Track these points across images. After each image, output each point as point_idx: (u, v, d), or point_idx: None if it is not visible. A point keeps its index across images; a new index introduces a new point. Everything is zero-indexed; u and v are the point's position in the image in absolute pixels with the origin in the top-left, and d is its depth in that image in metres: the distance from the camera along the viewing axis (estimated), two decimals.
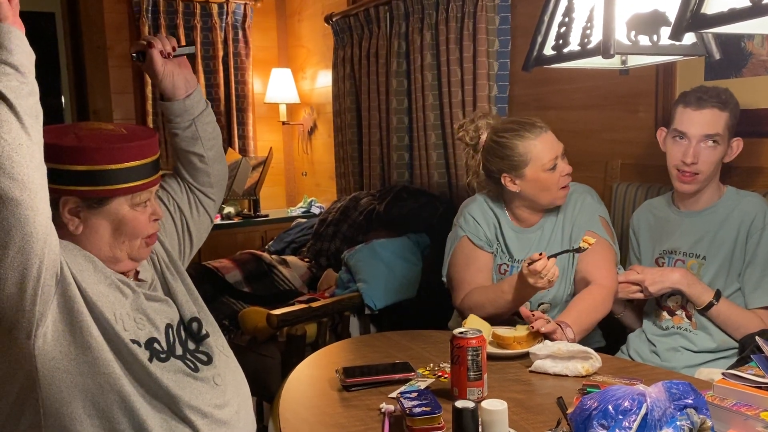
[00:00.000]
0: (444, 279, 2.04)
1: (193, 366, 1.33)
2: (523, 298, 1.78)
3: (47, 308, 1.14)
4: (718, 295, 1.71)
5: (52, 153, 1.17)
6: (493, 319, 1.79)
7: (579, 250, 1.70)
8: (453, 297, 2.00)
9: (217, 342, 1.44)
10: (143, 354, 1.25)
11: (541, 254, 1.66)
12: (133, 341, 1.24)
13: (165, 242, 1.50)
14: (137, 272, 1.38)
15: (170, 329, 1.34)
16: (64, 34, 3.89)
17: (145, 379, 1.24)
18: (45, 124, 1.12)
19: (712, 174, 1.77)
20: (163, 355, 1.29)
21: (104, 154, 1.22)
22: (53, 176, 1.16)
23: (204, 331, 1.41)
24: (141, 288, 1.33)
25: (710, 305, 1.71)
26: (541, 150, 1.84)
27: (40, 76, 1.10)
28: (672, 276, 1.75)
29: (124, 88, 4.04)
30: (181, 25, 4.08)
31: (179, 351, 1.34)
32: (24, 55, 1.08)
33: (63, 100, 3.88)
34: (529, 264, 1.65)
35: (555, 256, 1.68)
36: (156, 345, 1.29)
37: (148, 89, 4.01)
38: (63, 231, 1.23)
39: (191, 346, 1.37)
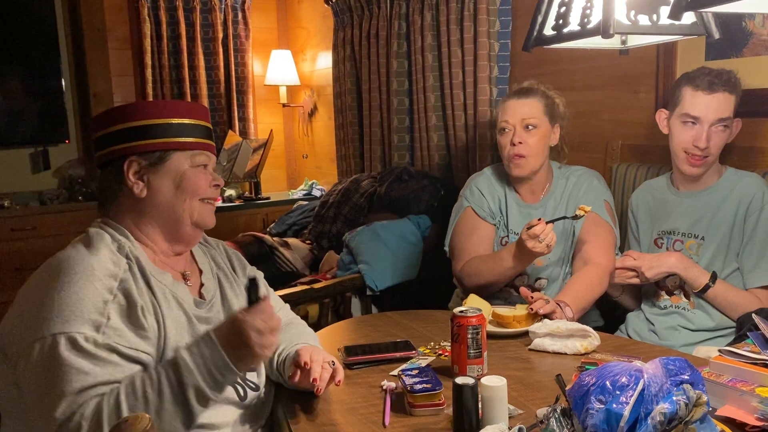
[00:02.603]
0: (446, 249, 2.09)
1: (242, 394, 1.29)
2: (521, 264, 1.82)
3: None
4: (714, 277, 1.73)
5: (116, 115, 1.28)
6: (491, 289, 1.84)
7: (576, 217, 1.76)
8: (453, 265, 2.04)
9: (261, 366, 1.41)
10: None
11: (539, 219, 1.70)
12: None
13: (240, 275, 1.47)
14: (202, 284, 1.36)
15: None
16: (63, 16, 3.87)
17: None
18: (44, 106, 1.15)
19: (718, 155, 1.78)
20: None
21: (159, 109, 1.29)
22: (119, 137, 1.27)
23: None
24: (200, 308, 1.31)
25: (707, 287, 1.73)
26: (501, 112, 1.96)
27: (39, 59, 1.11)
28: (668, 260, 1.76)
29: (124, 70, 4.03)
30: (181, 7, 4.06)
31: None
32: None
33: (63, 83, 3.86)
34: (528, 229, 1.69)
35: (552, 221, 1.73)
36: None
37: (148, 72, 4.00)
38: (129, 200, 1.27)
39: None
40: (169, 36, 4.07)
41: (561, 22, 1.28)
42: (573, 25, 1.27)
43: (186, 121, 1.30)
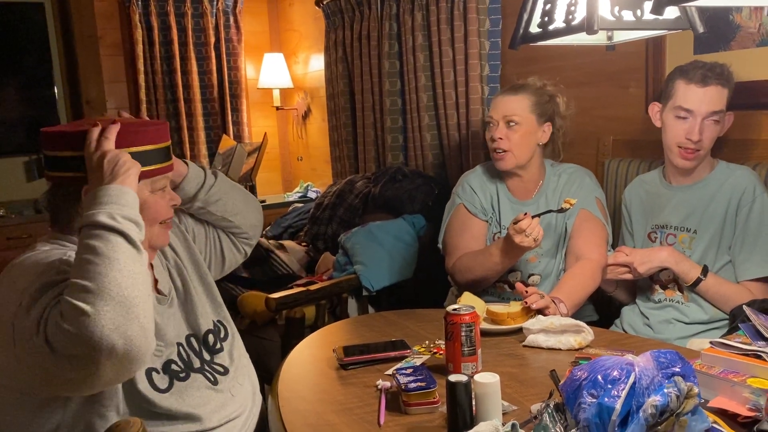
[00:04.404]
0: (440, 246, 2.10)
1: (213, 378, 1.34)
2: (509, 259, 1.84)
3: None
4: (705, 271, 1.74)
5: (71, 140, 1.20)
6: (482, 284, 1.87)
7: (561, 210, 1.77)
8: (446, 261, 2.07)
9: (234, 345, 1.44)
10: (161, 380, 1.26)
11: (525, 214, 1.71)
12: (151, 369, 1.25)
13: (194, 249, 1.49)
14: (156, 281, 1.37)
15: (181, 347, 1.34)
16: (54, 24, 3.87)
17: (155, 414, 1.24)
18: (38, 114, 1.12)
19: (710, 149, 1.79)
20: (182, 375, 1.30)
21: (123, 138, 1.21)
22: (76, 164, 1.19)
23: (219, 345, 1.42)
24: (162, 305, 1.33)
25: (698, 281, 1.73)
26: (490, 107, 2.01)
27: (31, 67, 1.09)
28: (659, 255, 1.77)
29: (116, 77, 4.03)
30: (172, 12, 4.06)
31: (197, 364, 1.35)
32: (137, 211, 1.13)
33: (56, 90, 3.87)
34: (515, 223, 1.71)
35: (539, 215, 1.74)
36: (174, 366, 1.30)
37: (141, 78, 4.01)
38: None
39: (207, 356, 1.38)
40: (161, 41, 4.07)
41: (546, 19, 1.29)
42: (558, 22, 1.27)
43: (148, 148, 1.24)
